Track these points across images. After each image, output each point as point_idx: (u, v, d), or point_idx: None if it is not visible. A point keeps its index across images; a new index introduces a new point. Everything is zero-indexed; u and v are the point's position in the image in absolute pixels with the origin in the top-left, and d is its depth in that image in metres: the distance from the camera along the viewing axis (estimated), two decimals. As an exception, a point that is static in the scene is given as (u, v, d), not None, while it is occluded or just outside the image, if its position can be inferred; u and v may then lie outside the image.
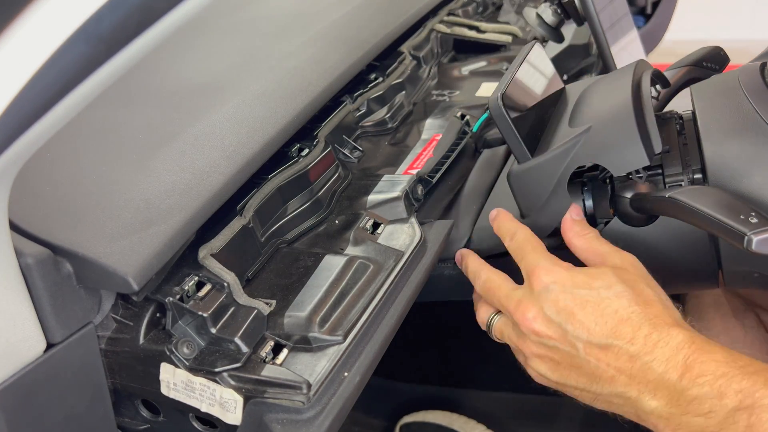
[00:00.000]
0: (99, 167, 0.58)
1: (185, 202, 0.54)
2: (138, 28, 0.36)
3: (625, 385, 0.52)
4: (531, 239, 0.60)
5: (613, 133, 0.59)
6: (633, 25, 1.04)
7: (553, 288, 0.55)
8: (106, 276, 0.48)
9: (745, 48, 0.99)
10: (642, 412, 0.51)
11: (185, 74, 0.74)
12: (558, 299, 0.54)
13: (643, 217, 0.61)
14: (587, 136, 0.60)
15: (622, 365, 0.52)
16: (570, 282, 0.55)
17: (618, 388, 0.52)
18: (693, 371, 0.49)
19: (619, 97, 0.61)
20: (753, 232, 0.48)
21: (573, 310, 0.54)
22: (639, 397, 0.51)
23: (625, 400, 0.52)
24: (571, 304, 0.54)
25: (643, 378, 0.51)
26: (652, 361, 0.50)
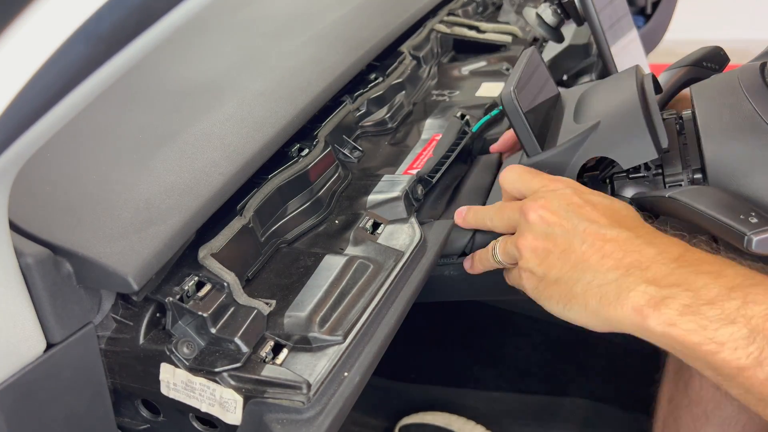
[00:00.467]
0: (99, 167, 0.58)
1: (185, 202, 0.54)
2: (138, 28, 0.36)
3: (613, 264, 0.50)
4: (528, 169, 0.61)
5: (622, 127, 0.60)
6: (633, 25, 1.03)
7: (567, 190, 0.56)
8: (106, 276, 0.48)
9: (745, 48, 0.99)
10: (624, 291, 0.48)
11: (185, 74, 0.74)
12: (571, 197, 0.55)
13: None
14: (596, 130, 0.61)
15: (617, 245, 0.51)
16: (586, 189, 0.57)
17: (604, 268, 0.50)
18: (692, 255, 0.49)
19: (626, 96, 0.63)
20: (753, 232, 0.48)
21: (583, 205, 0.54)
22: (625, 275, 0.49)
23: (609, 281, 0.50)
24: (582, 201, 0.55)
25: (637, 256, 0.50)
26: (650, 244, 0.50)
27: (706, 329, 0.45)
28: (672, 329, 0.46)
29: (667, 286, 0.47)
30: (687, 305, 0.46)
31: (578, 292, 0.52)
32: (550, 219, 0.55)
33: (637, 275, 0.49)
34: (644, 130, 0.59)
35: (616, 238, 0.51)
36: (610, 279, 0.50)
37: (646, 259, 0.49)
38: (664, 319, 0.46)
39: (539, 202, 0.56)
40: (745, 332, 0.44)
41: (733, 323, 0.44)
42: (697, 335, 0.45)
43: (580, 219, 0.54)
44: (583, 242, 0.52)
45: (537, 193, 0.58)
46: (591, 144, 0.61)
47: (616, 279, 0.49)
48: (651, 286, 0.47)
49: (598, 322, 0.51)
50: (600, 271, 0.51)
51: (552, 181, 0.59)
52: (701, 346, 0.45)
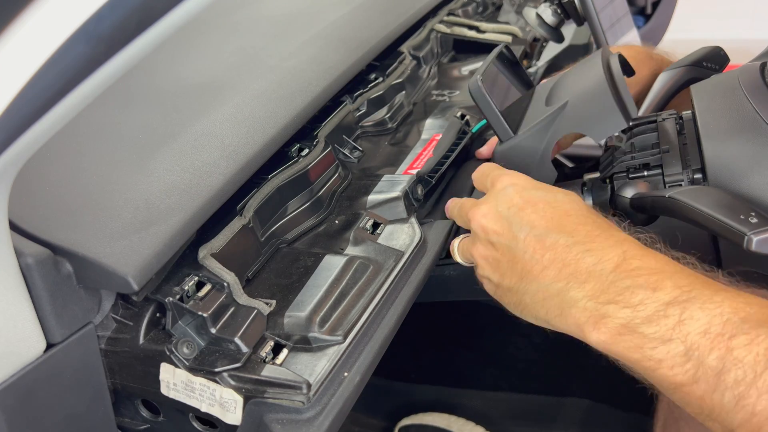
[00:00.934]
0: (99, 167, 0.58)
1: (185, 202, 0.54)
2: (138, 28, 0.36)
3: (554, 276, 0.51)
4: (492, 165, 0.63)
5: (590, 102, 0.62)
6: (633, 25, 1.04)
7: (510, 189, 0.56)
8: (106, 276, 0.48)
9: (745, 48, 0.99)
10: (566, 306, 0.49)
11: (185, 74, 0.74)
12: (513, 197, 0.55)
13: (643, 217, 0.61)
14: (565, 108, 0.62)
15: (556, 255, 0.51)
16: (530, 185, 0.56)
17: (546, 280, 0.51)
18: (629, 265, 0.48)
19: (592, 74, 0.64)
20: (753, 232, 0.48)
21: (524, 206, 0.54)
22: (566, 288, 0.50)
23: (552, 295, 0.51)
24: (522, 202, 0.55)
25: (575, 268, 0.50)
26: (588, 251, 0.50)
27: (644, 348, 0.45)
28: (612, 347, 0.47)
29: (605, 302, 0.48)
30: (624, 324, 0.46)
31: (528, 303, 0.53)
32: (491, 228, 0.56)
33: (576, 289, 0.49)
34: (611, 100, 0.60)
35: (554, 245, 0.51)
36: (553, 291, 0.51)
37: (584, 270, 0.49)
38: (604, 338, 0.47)
39: (481, 209, 0.57)
40: (682, 349, 0.44)
41: (669, 341, 0.44)
42: (636, 353, 0.46)
43: (520, 225, 0.54)
44: (525, 251, 0.53)
45: (488, 194, 0.59)
46: (561, 122, 0.62)
47: (557, 292, 0.50)
48: (590, 301, 0.48)
49: (552, 328, 0.53)
50: (543, 283, 0.51)
51: (498, 179, 0.59)
52: (640, 362, 0.46)
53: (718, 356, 0.43)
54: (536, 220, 0.53)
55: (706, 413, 0.44)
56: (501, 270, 0.55)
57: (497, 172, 0.60)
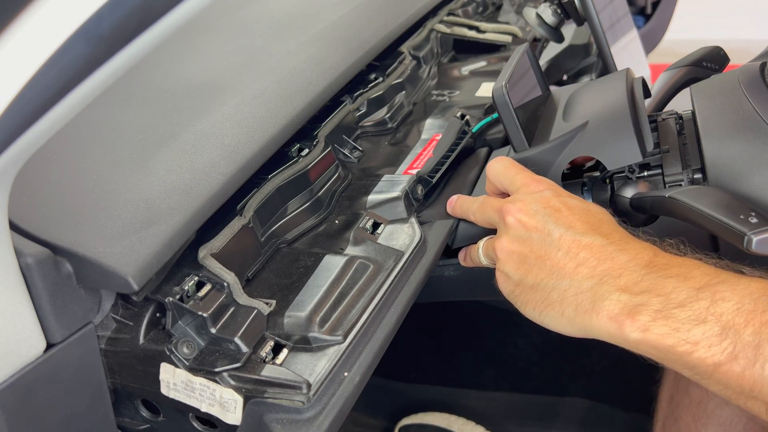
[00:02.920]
0: (99, 167, 0.58)
1: (185, 202, 0.54)
2: (138, 28, 0.36)
3: (588, 273, 0.51)
4: (514, 163, 0.62)
5: (609, 128, 0.61)
6: (633, 25, 1.04)
7: (548, 193, 0.57)
8: (106, 276, 0.48)
9: (745, 48, 0.99)
10: (598, 300, 0.50)
11: (185, 74, 0.74)
12: (550, 200, 0.56)
13: (643, 217, 0.61)
14: (584, 130, 0.62)
15: (591, 253, 0.52)
16: (564, 192, 0.58)
17: (579, 276, 0.52)
18: (660, 260, 0.50)
19: (615, 97, 0.64)
20: (753, 232, 0.48)
21: (561, 209, 0.55)
22: (599, 283, 0.50)
23: (584, 290, 0.51)
24: (560, 205, 0.56)
25: (610, 264, 0.51)
26: (622, 251, 0.51)
27: (679, 331, 0.46)
28: (647, 335, 0.47)
29: (638, 293, 0.48)
30: (658, 310, 0.47)
31: (554, 300, 0.53)
32: (527, 223, 0.56)
33: (610, 283, 0.50)
34: (631, 132, 0.59)
35: (591, 245, 0.52)
36: (585, 287, 0.51)
37: (618, 267, 0.50)
38: (638, 326, 0.47)
39: (517, 204, 0.57)
40: (717, 329, 0.45)
41: (704, 322, 0.45)
42: (671, 338, 0.46)
43: (556, 225, 0.54)
44: (559, 249, 0.53)
45: (518, 193, 0.59)
46: (578, 143, 0.62)
47: (591, 287, 0.51)
48: (624, 293, 0.49)
49: (574, 329, 0.52)
50: (575, 279, 0.52)
51: (533, 182, 0.59)
52: (676, 347, 0.46)
53: (753, 331, 0.43)
54: (573, 221, 0.54)
55: (747, 391, 0.44)
56: (527, 266, 0.55)
57: (528, 175, 0.60)
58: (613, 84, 0.66)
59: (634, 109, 0.62)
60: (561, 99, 0.70)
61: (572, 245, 0.53)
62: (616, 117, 0.61)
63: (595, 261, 0.51)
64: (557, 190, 0.58)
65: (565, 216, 0.55)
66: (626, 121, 0.60)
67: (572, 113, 0.66)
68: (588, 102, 0.66)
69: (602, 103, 0.64)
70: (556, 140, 0.63)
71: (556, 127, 0.65)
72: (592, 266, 0.51)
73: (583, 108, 0.66)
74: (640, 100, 0.64)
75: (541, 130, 0.67)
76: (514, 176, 0.61)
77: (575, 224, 0.54)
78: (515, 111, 0.64)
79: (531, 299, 0.55)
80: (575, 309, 0.51)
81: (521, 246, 0.56)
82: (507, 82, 0.64)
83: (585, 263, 0.52)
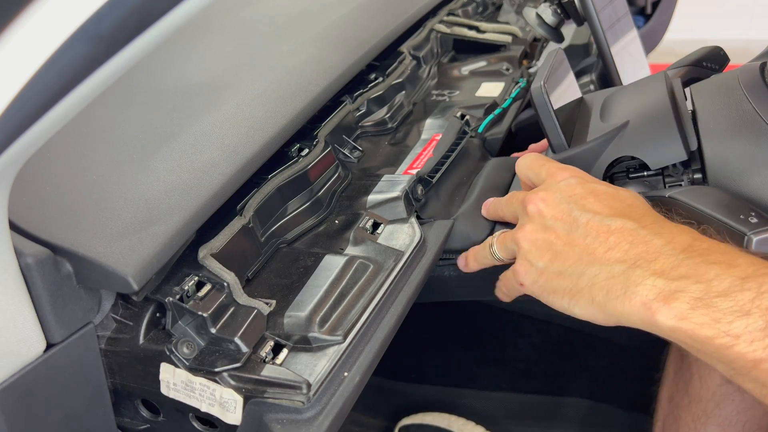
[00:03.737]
0: (99, 167, 0.58)
1: (185, 202, 0.54)
2: (138, 28, 0.36)
3: (620, 257, 0.49)
4: (542, 156, 0.61)
5: (652, 127, 0.60)
6: (633, 25, 1.04)
7: (572, 180, 0.55)
8: (106, 276, 0.48)
9: (745, 48, 0.99)
10: (631, 285, 0.47)
11: (185, 74, 0.74)
12: (575, 188, 0.54)
13: None
14: (626, 129, 0.61)
15: (622, 237, 0.49)
16: (589, 178, 0.55)
17: (610, 261, 0.49)
18: (699, 245, 0.47)
19: (656, 97, 0.63)
20: (753, 232, 0.48)
21: (586, 196, 0.53)
22: (632, 267, 0.47)
23: (615, 275, 0.48)
24: (585, 192, 0.53)
25: (644, 248, 0.48)
26: (657, 234, 0.48)
27: (720, 322, 0.43)
28: (683, 323, 0.44)
29: (676, 278, 0.45)
30: (698, 298, 0.44)
31: (583, 286, 0.50)
32: (550, 212, 0.54)
33: (644, 267, 0.47)
34: (674, 130, 0.59)
35: (621, 228, 0.50)
36: (617, 272, 0.48)
37: (653, 250, 0.47)
38: (674, 314, 0.44)
39: (540, 194, 0.55)
40: (761, 324, 0.42)
41: (748, 315, 0.42)
42: (711, 329, 0.43)
43: (582, 211, 0.52)
44: (587, 235, 0.51)
45: (543, 183, 0.58)
46: (619, 142, 0.61)
47: (623, 272, 0.48)
48: (659, 278, 0.46)
49: (605, 317, 0.49)
50: (606, 264, 0.49)
51: (558, 170, 0.57)
52: (714, 339, 0.43)
53: None
54: (600, 207, 0.52)
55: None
56: (553, 252, 0.53)
57: (554, 165, 0.58)
58: (651, 85, 0.66)
59: (676, 107, 0.61)
60: (595, 102, 0.69)
61: (600, 230, 0.50)
62: (658, 115, 0.60)
63: (627, 245, 0.48)
64: (583, 177, 0.56)
65: (591, 202, 0.52)
66: (669, 119, 0.59)
67: (610, 114, 0.65)
68: (626, 103, 0.66)
69: (643, 103, 0.63)
70: (596, 140, 0.62)
71: (593, 127, 0.64)
72: (624, 250, 0.48)
73: (621, 109, 0.65)
74: (680, 100, 0.63)
75: (579, 131, 0.66)
76: (539, 168, 0.59)
77: (602, 209, 0.52)
78: (555, 111, 0.63)
79: (558, 287, 0.52)
80: (606, 295, 0.48)
81: (546, 233, 0.53)
82: (545, 81, 0.62)
83: (616, 247, 0.49)
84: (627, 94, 0.68)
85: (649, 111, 0.62)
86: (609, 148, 0.61)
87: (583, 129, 0.65)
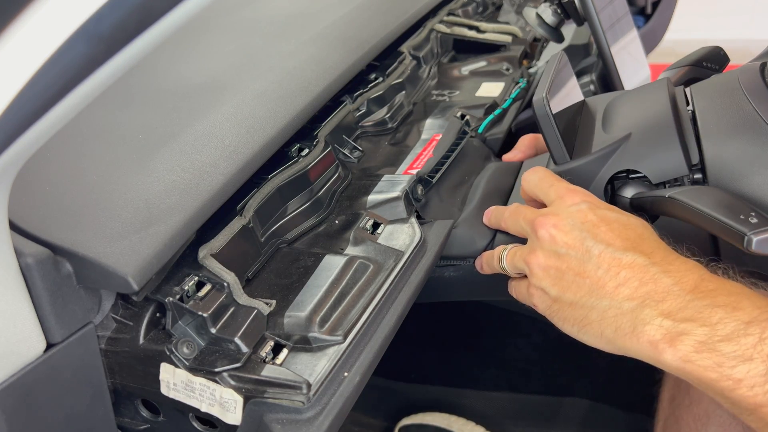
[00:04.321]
0: (99, 167, 0.58)
1: (185, 202, 0.54)
2: (138, 28, 0.36)
3: (629, 294, 0.50)
4: (550, 173, 0.61)
5: (654, 141, 0.60)
6: (633, 25, 1.04)
7: (584, 206, 0.55)
8: (106, 276, 0.48)
9: (745, 48, 0.99)
10: (639, 324, 0.48)
11: (185, 74, 0.74)
12: (587, 214, 0.54)
13: (643, 218, 0.61)
14: (627, 142, 0.61)
15: (633, 273, 0.50)
16: (603, 204, 0.56)
17: (620, 297, 0.50)
18: (706, 286, 0.48)
19: (658, 108, 0.62)
20: (753, 232, 0.48)
21: (598, 224, 0.53)
22: (641, 306, 0.49)
23: (624, 312, 0.50)
24: (597, 219, 0.54)
25: (653, 287, 0.49)
26: (666, 273, 0.49)
27: (722, 366, 0.44)
28: (688, 365, 0.45)
29: (682, 320, 0.47)
30: (702, 342, 0.45)
31: (594, 319, 0.51)
32: (562, 239, 0.54)
33: (652, 307, 0.48)
34: (677, 145, 0.58)
35: (632, 264, 0.51)
36: (626, 309, 0.49)
37: (661, 290, 0.49)
38: (679, 356, 0.46)
39: (551, 219, 0.55)
40: (762, 369, 0.43)
41: (750, 360, 0.44)
42: (714, 372, 0.45)
43: (595, 242, 0.53)
44: (599, 267, 0.52)
45: (552, 205, 0.57)
46: (621, 156, 0.61)
47: (632, 309, 0.49)
48: (666, 319, 0.47)
49: (613, 349, 0.51)
50: (616, 300, 0.50)
51: (569, 193, 0.57)
52: (718, 382, 0.44)
53: None
54: (612, 238, 0.52)
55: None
56: (564, 282, 0.54)
57: (563, 186, 0.58)
58: (654, 94, 0.65)
59: (678, 119, 0.61)
60: (598, 107, 0.69)
61: (612, 264, 0.51)
62: (661, 130, 0.60)
63: (637, 282, 0.50)
64: (594, 203, 0.56)
65: (603, 232, 0.53)
66: (672, 135, 0.59)
67: (613, 124, 0.65)
68: (629, 113, 0.65)
69: (645, 115, 0.63)
70: (598, 153, 0.61)
71: (597, 138, 0.64)
72: (634, 287, 0.50)
73: (624, 119, 0.64)
74: (683, 110, 0.62)
75: (581, 141, 0.65)
76: (548, 188, 0.59)
77: (614, 241, 0.52)
78: (556, 123, 0.62)
79: (570, 316, 0.54)
80: (615, 331, 0.50)
81: (558, 261, 0.54)
82: (547, 92, 0.62)
83: (626, 284, 0.50)
84: (630, 102, 0.67)
85: (652, 124, 0.61)
86: (611, 161, 0.61)
87: (585, 139, 0.65)
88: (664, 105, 0.62)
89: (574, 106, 0.69)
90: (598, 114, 0.67)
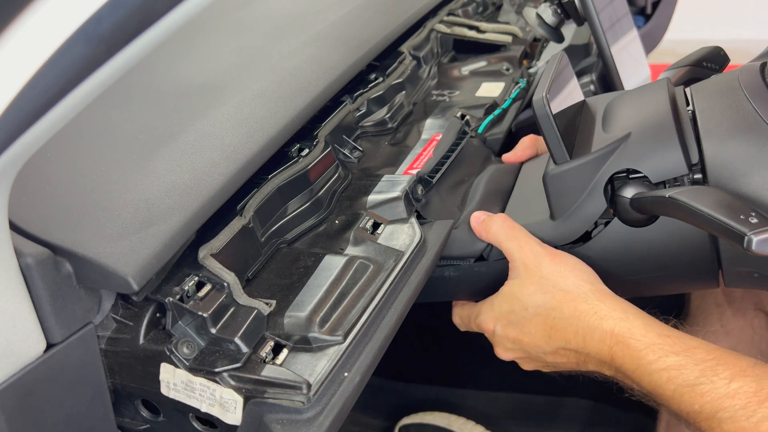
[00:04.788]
0: (99, 167, 0.58)
1: (185, 202, 0.54)
2: (138, 28, 0.36)
3: (580, 367, 0.65)
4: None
5: (653, 140, 0.60)
6: (633, 25, 1.04)
7: (498, 331, 0.66)
8: (106, 276, 0.48)
9: (745, 48, 0.99)
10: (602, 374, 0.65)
11: (185, 74, 0.74)
12: (507, 336, 0.66)
13: (643, 217, 0.61)
14: (627, 142, 0.61)
15: (572, 358, 0.64)
16: (505, 318, 0.65)
17: (577, 367, 0.66)
18: (618, 352, 0.60)
19: (658, 108, 0.62)
20: (753, 233, 0.48)
21: (521, 339, 0.65)
22: (594, 372, 0.65)
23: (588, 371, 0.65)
24: (516, 334, 0.65)
25: (590, 362, 0.63)
26: (590, 353, 0.62)
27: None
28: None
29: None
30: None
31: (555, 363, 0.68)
32: (513, 357, 0.69)
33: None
34: (676, 145, 0.58)
35: (562, 358, 0.65)
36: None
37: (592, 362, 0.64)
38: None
39: (496, 349, 0.69)
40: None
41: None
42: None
43: (534, 350, 0.65)
44: (554, 359, 0.66)
45: (491, 335, 0.69)
46: (621, 155, 0.61)
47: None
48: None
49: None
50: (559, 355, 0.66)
51: (483, 325, 0.68)
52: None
53: None
54: (540, 343, 0.64)
55: None
56: (530, 364, 0.70)
57: (483, 318, 0.68)
58: (654, 94, 0.65)
59: (678, 120, 0.61)
60: (598, 108, 0.68)
61: (557, 357, 0.65)
62: (660, 130, 0.60)
63: (580, 363, 0.65)
64: (501, 320, 0.66)
65: (530, 343, 0.65)
66: (671, 134, 0.59)
67: (612, 124, 0.65)
68: (629, 112, 0.65)
69: (645, 114, 0.63)
70: (597, 152, 0.61)
71: (596, 138, 0.64)
72: (580, 363, 0.65)
73: (624, 119, 0.64)
74: (683, 110, 0.62)
75: (580, 141, 0.65)
76: (470, 324, 0.72)
77: (543, 346, 0.64)
78: (556, 123, 0.62)
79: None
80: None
81: (521, 356, 0.68)
82: (547, 92, 0.62)
83: (575, 361, 0.65)
84: (630, 102, 0.67)
85: (651, 124, 0.61)
86: (610, 160, 0.61)
87: (585, 138, 0.65)
88: (664, 105, 0.62)
89: (574, 106, 0.69)
90: (598, 114, 0.67)
